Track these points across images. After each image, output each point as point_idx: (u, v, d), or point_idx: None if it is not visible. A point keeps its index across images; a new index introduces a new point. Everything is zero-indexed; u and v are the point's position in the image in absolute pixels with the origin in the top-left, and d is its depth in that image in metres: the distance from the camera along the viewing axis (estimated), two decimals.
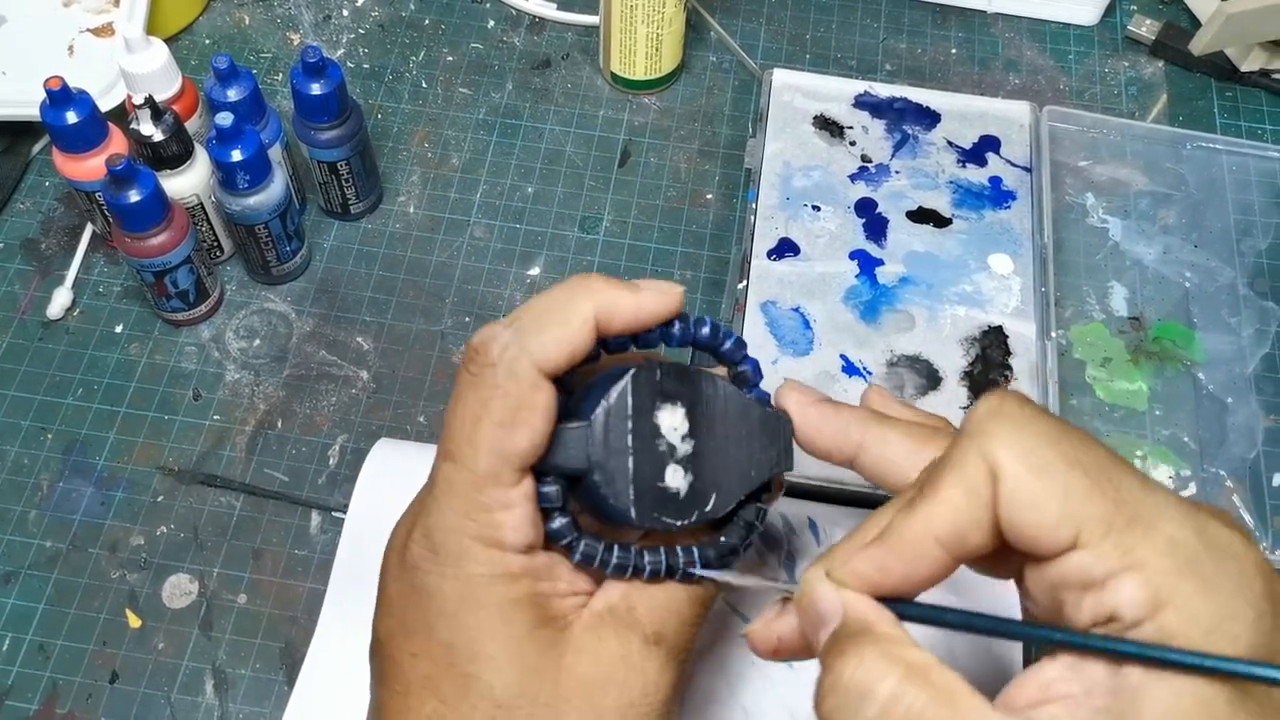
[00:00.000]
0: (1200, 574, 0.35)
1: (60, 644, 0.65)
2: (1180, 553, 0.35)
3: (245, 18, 0.91)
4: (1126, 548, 0.35)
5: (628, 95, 0.88)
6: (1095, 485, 0.36)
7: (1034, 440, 0.37)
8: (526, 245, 0.80)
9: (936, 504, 0.38)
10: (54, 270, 0.78)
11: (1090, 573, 0.36)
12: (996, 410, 0.38)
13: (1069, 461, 0.37)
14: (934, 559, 0.39)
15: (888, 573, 0.39)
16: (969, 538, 0.38)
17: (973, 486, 0.37)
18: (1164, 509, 0.36)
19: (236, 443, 0.72)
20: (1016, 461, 0.37)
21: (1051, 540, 0.36)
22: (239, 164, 0.69)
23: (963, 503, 0.38)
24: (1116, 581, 0.35)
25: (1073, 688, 0.36)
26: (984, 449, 0.37)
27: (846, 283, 0.75)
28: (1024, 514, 0.37)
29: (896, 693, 0.36)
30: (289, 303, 0.77)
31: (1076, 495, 0.36)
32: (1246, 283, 0.78)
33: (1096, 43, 0.92)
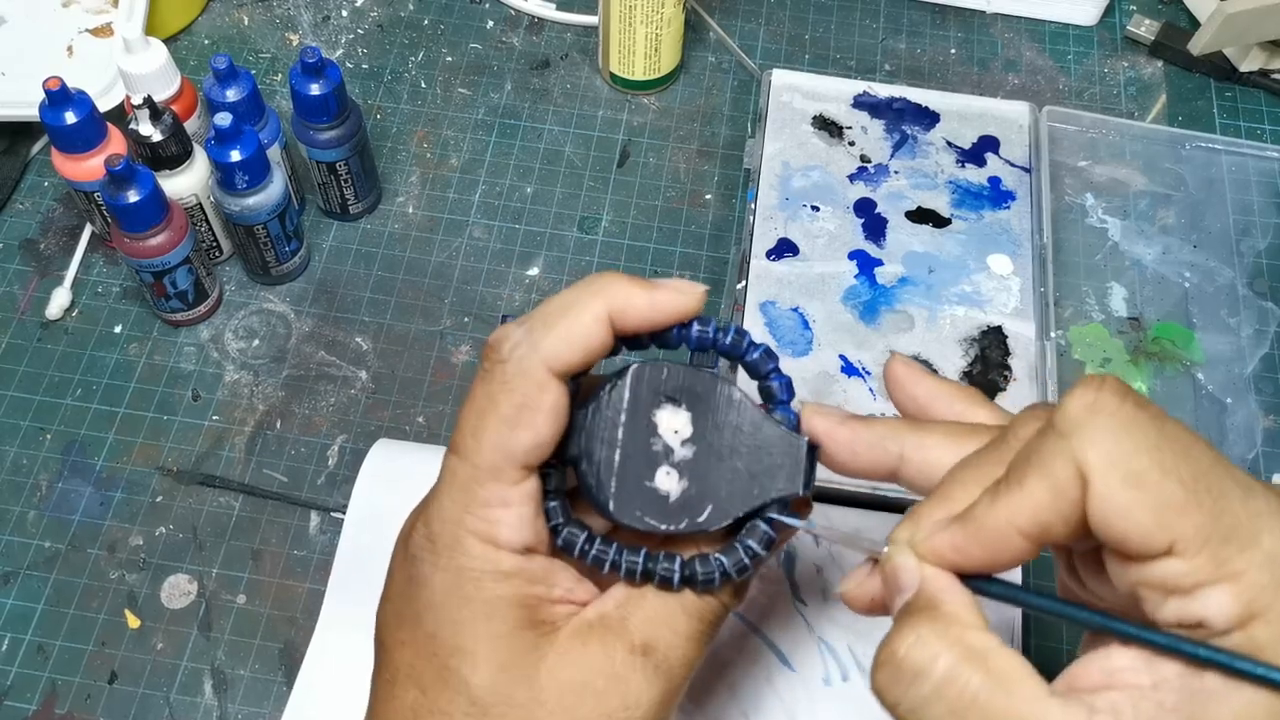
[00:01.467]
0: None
1: (59, 644, 0.65)
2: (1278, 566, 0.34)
3: (244, 18, 0.91)
4: (1222, 559, 0.34)
5: (626, 95, 0.88)
6: (1192, 496, 0.35)
7: (1129, 445, 0.36)
8: (525, 245, 0.80)
9: (1021, 498, 0.37)
10: (53, 270, 0.78)
11: (1179, 581, 0.35)
12: (1092, 407, 0.37)
13: (1164, 470, 0.35)
14: (1016, 547, 0.38)
15: (967, 556, 0.39)
16: (1053, 531, 0.37)
17: (1059, 486, 0.37)
18: (1265, 519, 0.35)
19: (235, 443, 0.72)
20: (1109, 469, 0.36)
21: (1143, 548, 0.35)
22: (238, 164, 0.69)
23: (1047, 500, 0.37)
24: (1208, 590, 0.35)
25: (1142, 679, 0.36)
26: (1075, 451, 0.36)
27: (846, 283, 0.75)
28: (1115, 522, 0.36)
29: (951, 674, 0.36)
30: (288, 303, 0.77)
31: (1171, 507, 0.35)
32: (1246, 283, 0.78)
33: (1096, 43, 0.92)
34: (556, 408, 0.43)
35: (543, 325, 0.43)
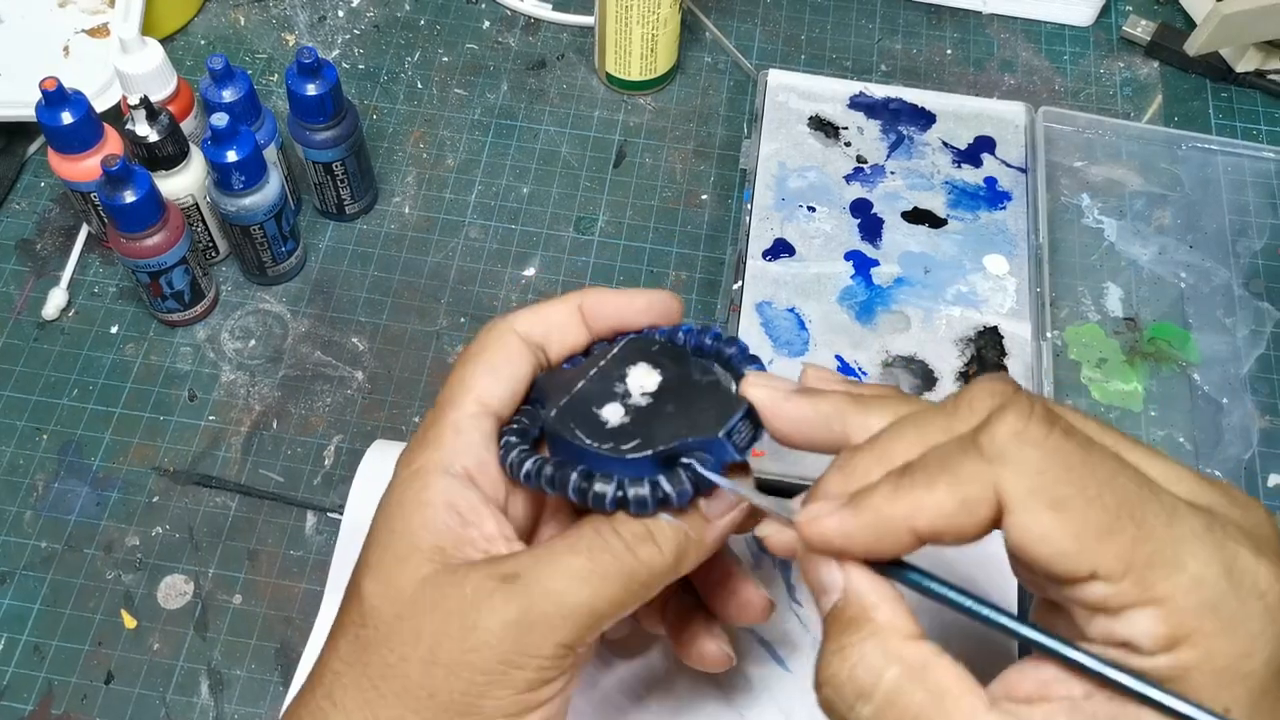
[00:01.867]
0: (1222, 613, 0.35)
1: (55, 644, 0.65)
2: (1204, 591, 0.35)
3: (240, 18, 0.91)
4: (1147, 584, 0.35)
5: (623, 96, 0.88)
6: (1115, 522, 0.35)
7: (1055, 471, 0.36)
8: (522, 246, 0.80)
9: (927, 501, 0.38)
10: (49, 271, 0.78)
11: (1105, 602, 0.36)
12: (1020, 436, 0.37)
13: (1087, 498, 0.36)
14: (902, 543, 0.39)
15: (852, 542, 0.40)
16: (944, 539, 0.38)
17: (968, 503, 0.37)
18: (1190, 544, 0.35)
19: (232, 443, 0.72)
20: (1032, 495, 0.36)
21: (1066, 573, 0.36)
22: (234, 164, 0.69)
23: (952, 512, 0.37)
24: (1134, 613, 0.35)
25: (1073, 690, 0.37)
26: (996, 476, 0.37)
27: (842, 283, 0.75)
28: (1038, 548, 0.36)
29: (894, 693, 0.37)
30: (284, 303, 0.77)
31: (1093, 533, 0.35)
32: (1242, 283, 0.78)
33: (1092, 43, 0.92)
34: (514, 356, 0.49)
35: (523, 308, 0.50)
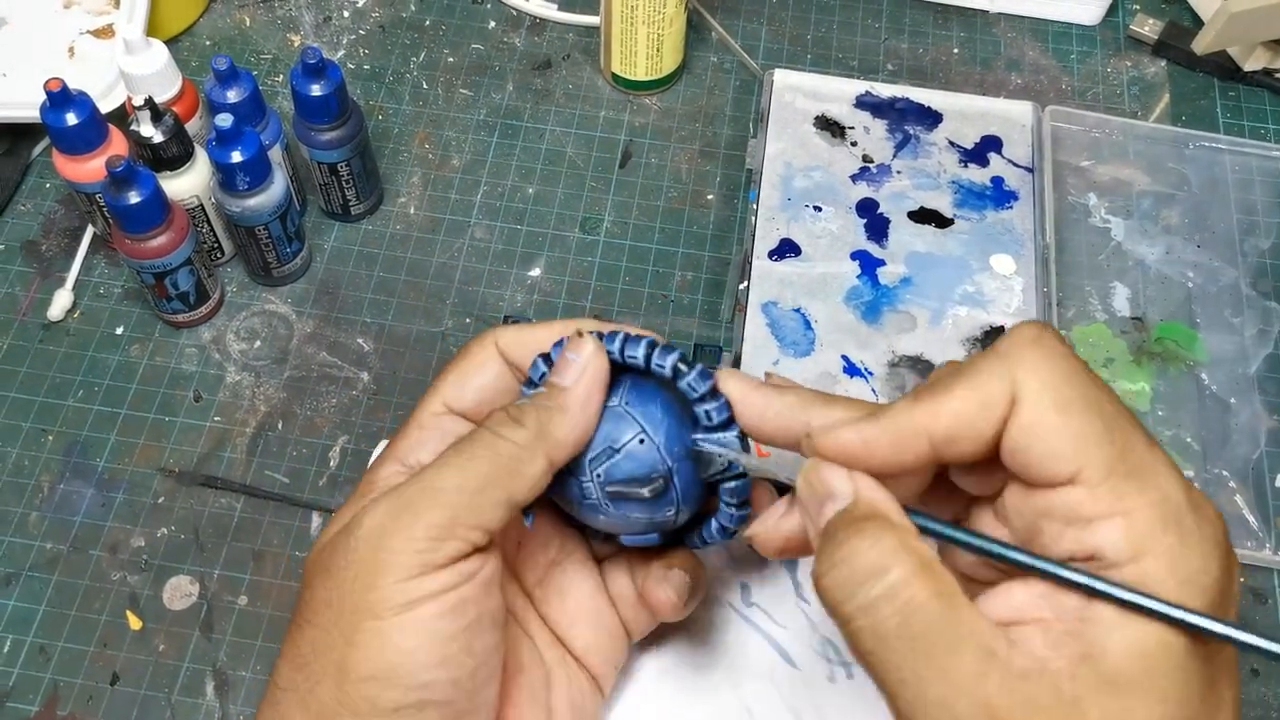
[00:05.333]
0: (1182, 529, 0.37)
1: (61, 646, 0.65)
2: (1168, 508, 0.37)
3: (246, 19, 0.91)
4: (1121, 494, 0.38)
5: (629, 96, 0.88)
6: (1107, 432, 0.38)
7: (1063, 377, 0.39)
8: (527, 246, 0.80)
9: (944, 404, 0.40)
10: (55, 272, 0.78)
11: (1080, 510, 0.38)
12: (1036, 340, 0.40)
13: (1089, 404, 0.39)
14: (919, 453, 0.41)
15: (871, 451, 0.42)
16: (960, 444, 0.40)
17: (987, 399, 0.39)
18: (1161, 468, 0.38)
19: (237, 444, 0.72)
20: (1043, 392, 0.39)
21: (1053, 472, 0.38)
22: (239, 165, 0.69)
23: (970, 412, 0.40)
24: (1104, 524, 0.38)
25: (1044, 612, 0.38)
26: (1012, 372, 0.39)
27: (848, 283, 0.75)
28: (1036, 442, 0.39)
29: (904, 579, 0.38)
30: (289, 304, 0.77)
31: (1089, 437, 0.38)
32: (1249, 283, 0.78)
33: (1099, 42, 0.92)
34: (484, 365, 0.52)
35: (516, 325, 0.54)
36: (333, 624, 0.45)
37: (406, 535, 0.44)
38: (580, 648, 0.55)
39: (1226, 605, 0.38)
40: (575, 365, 0.49)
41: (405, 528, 0.45)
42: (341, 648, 0.44)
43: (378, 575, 0.44)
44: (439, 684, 0.45)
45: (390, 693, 0.44)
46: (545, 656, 0.53)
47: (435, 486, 0.46)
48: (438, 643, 0.44)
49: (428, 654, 0.44)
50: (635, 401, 0.50)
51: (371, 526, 0.45)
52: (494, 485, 0.46)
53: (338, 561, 0.46)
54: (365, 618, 0.44)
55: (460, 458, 0.47)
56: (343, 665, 0.44)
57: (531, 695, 0.52)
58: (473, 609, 0.46)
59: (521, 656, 0.52)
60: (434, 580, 0.44)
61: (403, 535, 0.44)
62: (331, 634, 0.45)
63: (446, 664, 0.45)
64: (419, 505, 0.45)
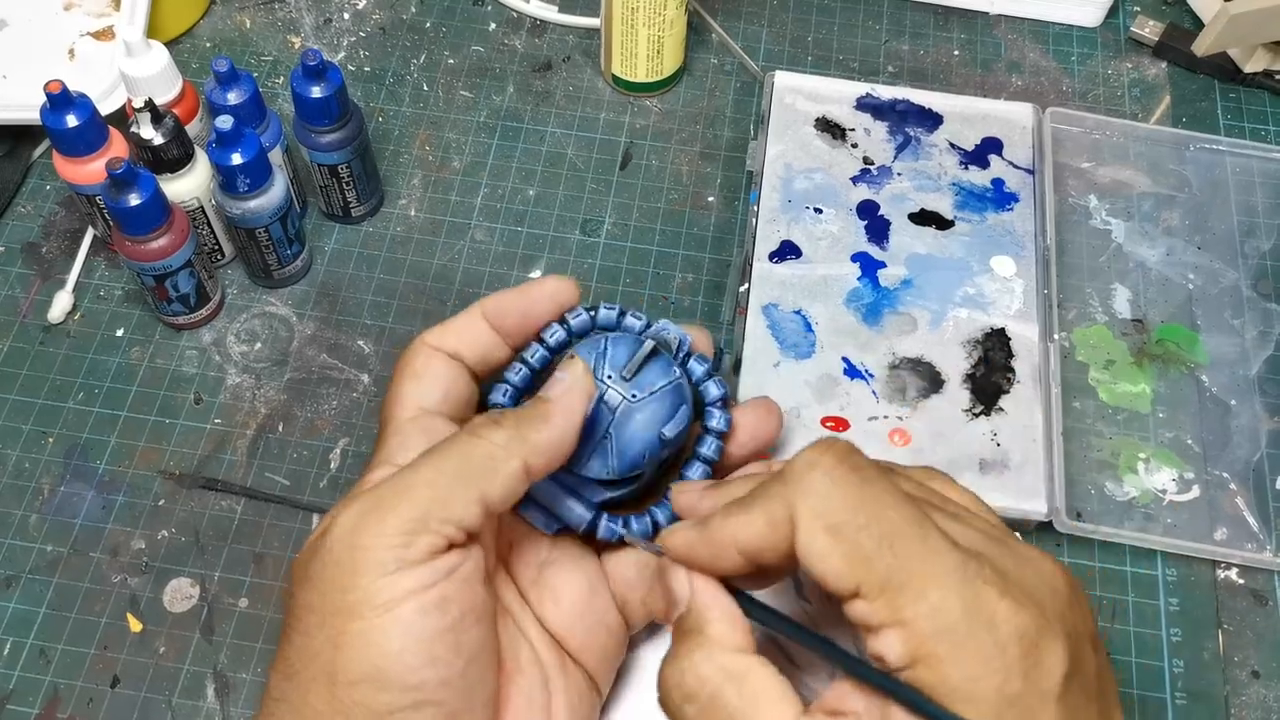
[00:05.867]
0: (953, 639, 0.41)
1: (61, 648, 0.65)
2: (940, 619, 0.41)
3: (246, 21, 0.91)
4: (896, 607, 0.41)
5: (629, 98, 0.88)
6: (878, 549, 0.42)
7: (836, 501, 0.43)
8: (528, 248, 0.80)
9: (745, 523, 0.45)
10: (55, 274, 0.78)
11: (866, 620, 0.42)
12: (813, 464, 0.44)
13: (858, 526, 0.42)
14: (734, 560, 0.46)
15: (695, 556, 0.47)
16: (764, 556, 0.45)
17: (773, 522, 0.44)
18: (938, 578, 0.41)
19: (237, 447, 0.72)
20: (814, 518, 0.43)
21: (839, 589, 0.42)
22: (239, 167, 0.69)
23: (764, 531, 0.44)
24: (885, 633, 0.41)
25: (856, 705, 0.43)
26: (790, 499, 0.44)
27: (848, 285, 0.75)
28: (814, 563, 0.43)
29: (714, 696, 0.44)
30: (290, 306, 0.77)
31: (860, 556, 0.42)
32: (1250, 284, 0.78)
33: (1099, 44, 0.92)
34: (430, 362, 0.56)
35: None
36: (317, 629, 0.45)
37: (377, 531, 0.45)
38: (576, 646, 0.55)
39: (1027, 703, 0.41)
40: (562, 383, 0.52)
41: (376, 524, 0.46)
42: (328, 653, 0.44)
43: (354, 575, 0.45)
44: (430, 684, 0.45)
45: (383, 695, 0.44)
46: (543, 659, 0.53)
47: (406, 483, 0.47)
48: (423, 642, 0.45)
49: (415, 654, 0.44)
50: None
51: (344, 526, 0.46)
52: (466, 482, 0.47)
53: (315, 565, 0.46)
54: (348, 620, 0.44)
55: (434, 456, 0.48)
56: (331, 671, 0.44)
57: (530, 700, 0.51)
58: (455, 606, 0.46)
59: (519, 659, 0.52)
60: (411, 577, 0.45)
61: (373, 531, 0.45)
62: (317, 639, 0.45)
63: (435, 663, 0.45)
64: (389, 501, 0.46)
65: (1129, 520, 0.69)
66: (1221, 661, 0.66)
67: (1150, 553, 0.69)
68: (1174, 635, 0.66)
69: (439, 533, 0.46)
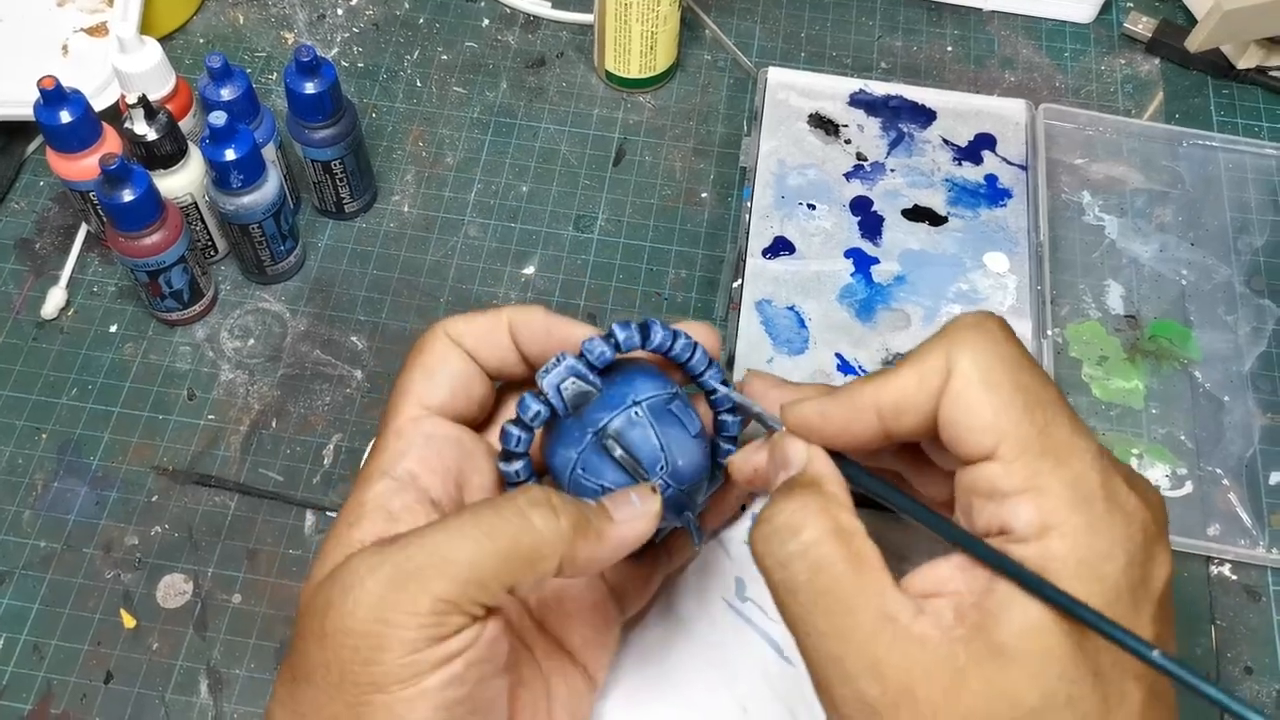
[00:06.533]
0: (1091, 512, 0.39)
1: (55, 644, 0.65)
2: (1079, 490, 0.39)
3: (239, 17, 0.91)
4: (1034, 471, 0.40)
5: (622, 94, 0.88)
6: (1029, 411, 0.41)
7: (996, 358, 0.42)
8: (521, 244, 0.80)
9: (889, 380, 0.44)
10: (48, 270, 0.78)
11: (996, 485, 0.40)
12: (977, 325, 0.43)
13: (1016, 385, 0.41)
14: (868, 424, 0.45)
15: (826, 421, 0.46)
16: (904, 417, 0.44)
17: (925, 375, 0.43)
18: (1081, 452, 0.40)
19: (231, 442, 0.72)
20: (972, 368, 0.42)
21: (973, 444, 0.41)
22: (233, 163, 0.69)
23: (910, 385, 0.43)
24: (1016, 498, 0.40)
25: (959, 585, 0.41)
26: (950, 349, 0.42)
27: (842, 281, 0.75)
28: (959, 414, 0.41)
29: (818, 539, 0.42)
30: (283, 302, 0.77)
31: (1009, 413, 0.41)
32: (1243, 280, 0.78)
33: (1092, 40, 0.92)
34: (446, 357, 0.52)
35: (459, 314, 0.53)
36: (334, 690, 0.43)
37: (411, 610, 0.42)
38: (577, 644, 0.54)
39: (1136, 596, 0.40)
40: (632, 507, 0.48)
41: (410, 601, 0.42)
42: (346, 715, 0.43)
43: (381, 650, 0.42)
44: None
45: None
46: (544, 667, 0.52)
47: (446, 558, 0.43)
48: (444, 708, 0.43)
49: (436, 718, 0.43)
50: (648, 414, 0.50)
51: (372, 594, 0.43)
52: (507, 569, 0.44)
53: (334, 623, 0.43)
54: (369, 691, 0.42)
55: (479, 529, 0.44)
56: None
57: (533, 710, 0.51)
58: (477, 670, 0.44)
59: (522, 672, 0.51)
60: (440, 651, 0.43)
61: (406, 609, 0.42)
62: (334, 701, 0.43)
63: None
64: (426, 576, 0.43)
65: None
66: (1214, 657, 0.66)
67: None
68: None
69: (469, 613, 0.44)
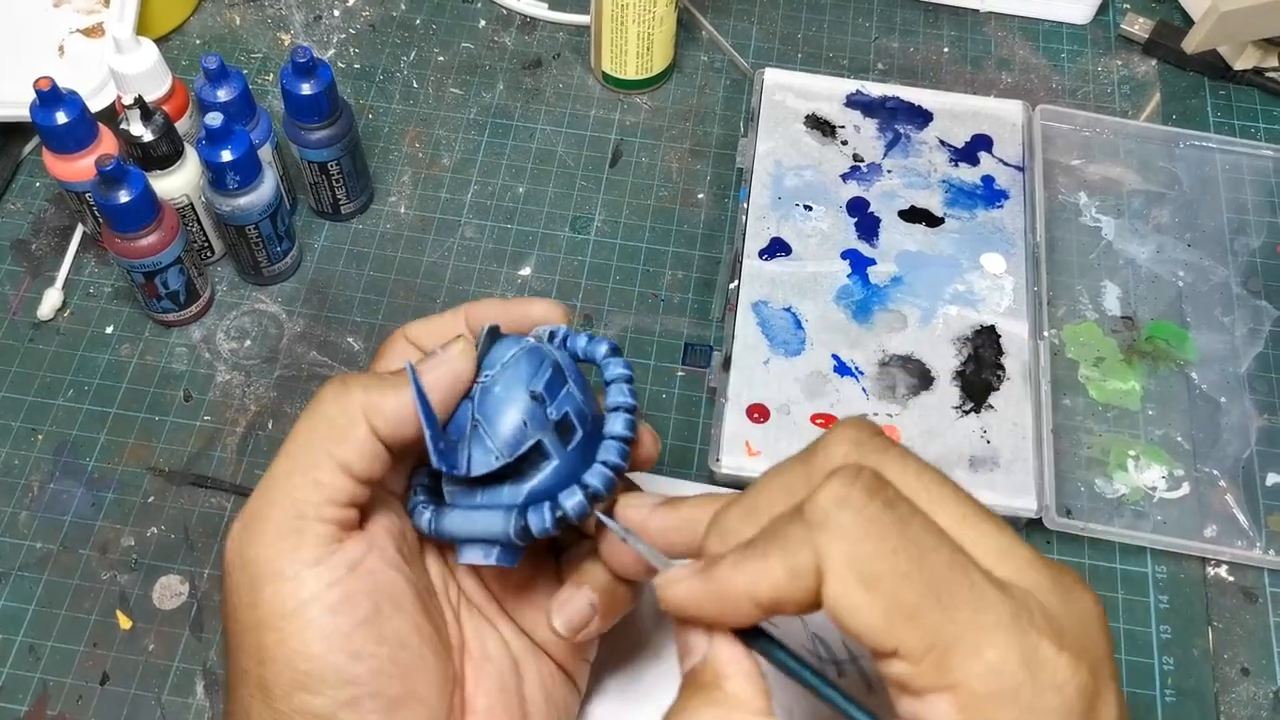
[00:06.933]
0: (1017, 702, 0.36)
1: (51, 645, 0.65)
2: (1000, 680, 0.36)
3: (236, 18, 0.91)
4: (945, 668, 0.36)
5: (619, 95, 0.88)
6: (921, 603, 0.36)
7: (869, 546, 0.37)
8: (518, 245, 0.80)
9: (762, 572, 0.39)
10: (45, 271, 0.78)
11: (910, 682, 0.37)
12: (843, 502, 0.38)
13: (898, 575, 0.37)
14: (748, 612, 0.41)
15: (702, 610, 0.42)
16: (784, 608, 0.39)
17: (797, 571, 0.38)
18: (992, 632, 0.36)
19: (227, 444, 0.71)
20: (846, 568, 0.37)
21: (875, 646, 0.37)
22: (229, 164, 0.69)
23: (784, 581, 0.39)
24: (932, 697, 0.36)
25: None
26: (817, 544, 0.38)
27: (838, 282, 0.75)
28: (846, 619, 0.37)
29: None
30: (280, 303, 0.77)
31: (900, 612, 0.36)
32: (1240, 282, 0.78)
33: (1089, 41, 0.92)
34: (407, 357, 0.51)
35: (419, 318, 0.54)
36: (239, 648, 0.45)
37: (260, 541, 0.45)
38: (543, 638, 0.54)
39: None
40: (435, 358, 0.48)
41: (258, 534, 0.45)
42: (255, 669, 0.44)
43: (255, 590, 0.44)
44: (362, 676, 0.44)
45: (317, 700, 0.44)
46: (512, 646, 0.53)
47: (270, 480, 0.46)
48: (341, 638, 0.44)
49: (336, 653, 0.44)
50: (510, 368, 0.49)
51: (234, 543, 0.46)
52: (318, 454, 0.46)
53: (225, 584, 0.46)
54: (262, 633, 0.44)
55: (286, 443, 0.47)
56: (264, 686, 0.44)
57: (501, 684, 0.51)
58: (365, 599, 0.45)
59: (486, 646, 0.51)
60: (312, 578, 0.44)
61: (257, 542, 0.45)
62: (242, 658, 0.45)
63: (360, 657, 0.44)
64: (261, 506, 0.45)
65: (1119, 517, 0.69)
66: (1211, 659, 0.66)
67: (1140, 550, 0.69)
68: (1164, 632, 0.67)
69: (319, 520, 0.45)
